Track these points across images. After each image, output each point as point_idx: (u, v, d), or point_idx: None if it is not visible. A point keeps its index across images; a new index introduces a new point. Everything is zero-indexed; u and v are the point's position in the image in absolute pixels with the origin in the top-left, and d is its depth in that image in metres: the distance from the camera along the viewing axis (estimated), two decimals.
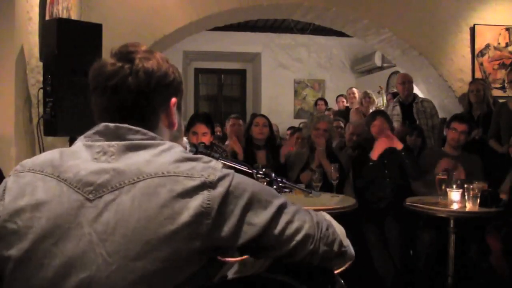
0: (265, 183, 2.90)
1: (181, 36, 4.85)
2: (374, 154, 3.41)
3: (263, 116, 3.82)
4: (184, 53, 9.28)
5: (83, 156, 0.91)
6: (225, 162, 1.65)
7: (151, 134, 0.94)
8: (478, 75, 4.84)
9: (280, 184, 1.58)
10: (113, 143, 0.91)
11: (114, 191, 0.85)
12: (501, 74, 4.85)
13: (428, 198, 3.08)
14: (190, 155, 0.93)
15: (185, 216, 0.83)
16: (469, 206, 2.82)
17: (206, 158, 0.93)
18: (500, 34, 4.92)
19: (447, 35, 4.88)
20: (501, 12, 4.95)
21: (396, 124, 4.30)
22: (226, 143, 4.46)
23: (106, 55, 1.00)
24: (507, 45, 4.94)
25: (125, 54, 0.96)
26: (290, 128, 6.17)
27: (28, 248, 0.84)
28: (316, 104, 7.49)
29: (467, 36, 4.90)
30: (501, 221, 2.96)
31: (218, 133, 5.45)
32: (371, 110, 5.25)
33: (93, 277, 0.82)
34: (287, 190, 2.95)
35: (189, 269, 0.85)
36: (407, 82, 4.53)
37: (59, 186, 0.87)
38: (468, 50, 4.90)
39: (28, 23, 2.83)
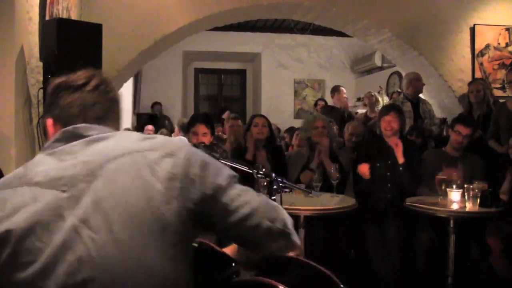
0: (265, 183, 2.91)
1: (181, 36, 4.85)
2: (400, 158, 3.34)
3: (262, 116, 3.80)
4: (184, 53, 9.28)
5: (48, 162, 0.95)
6: (226, 162, 1.65)
7: (107, 129, 1.03)
8: (478, 75, 4.84)
9: (280, 184, 1.58)
10: (75, 142, 0.97)
11: (86, 177, 0.91)
12: (501, 74, 4.85)
13: (428, 198, 3.08)
14: (148, 135, 1.02)
15: (156, 183, 0.92)
16: (469, 206, 2.81)
17: (164, 136, 1.05)
18: (500, 34, 4.92)
19: (447, 35, 4.88)
20: (501, 12, 4.95)
21: (407, 121, 4.29)
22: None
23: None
24: (507, 45, 4.94)
25: (91, 72, 1.09)
26: (288, 130, 6.15)
27: (11, 251, 0.86)
28: (316, 104, 7.48)
29: (467, 36, 4.90)
30: (501, 221, 2.97)
31: (219, 133, 5.44)
32: (376, 110, 5.25)
33: (83, 257, 0.86)
34: (287, 190, 2.97)
35: (177, 234, 0.92)
36: (421, 79, 4.56)
37: (32, 190, 0.91)
38: (468, 50, 4.90)
39: (28, 23, 2.83)
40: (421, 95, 4.76)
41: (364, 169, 3.35)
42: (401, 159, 3.33)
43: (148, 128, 7.12)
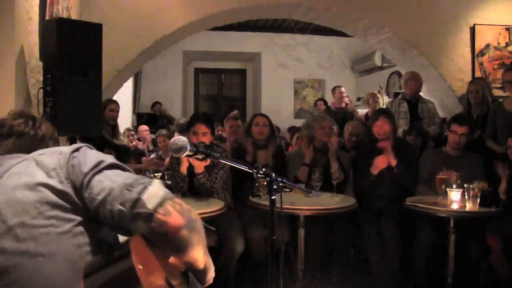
0: (265, 183, 2.90)
1: (181, 36, 4.85)
2: (375, 170, 3.37)
3: (263, 115, 3.79)
4: (184, 53, 9.28)
5: None
6: (226, 162, 1.65)
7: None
8: (478, 74, 4.84)
9: (280, 184, 1.58)
10: None
11: None
12: (501, 74, 4.84)
13: (428, 198, 3.08)
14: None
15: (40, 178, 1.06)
16: (469, 206, 2.81)
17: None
18: (500, 34, 4.92)
19: (447, 35, 4.88)
20: (501, 12, 4.95)
21: (402, 122, 4.28)
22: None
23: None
24: (507, 44, 4.94)
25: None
26: (289, 129, 6.16)
27: None
28: (316, 104, 7.49)
29: (467, 35, 4.90)
30: (501, 221, 2.96)
31: (220, 133, 5.44)
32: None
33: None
34: (287, 190, 2.97)
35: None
36: (418, 79, 4.54)
37: None
38: (468, 50, 4.90)
39: (28, 23, 2.83)
40: (422, 95, 4.76)
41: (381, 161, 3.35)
42: (393, 162, 3.34)
43: (142, 129, 6.92)
